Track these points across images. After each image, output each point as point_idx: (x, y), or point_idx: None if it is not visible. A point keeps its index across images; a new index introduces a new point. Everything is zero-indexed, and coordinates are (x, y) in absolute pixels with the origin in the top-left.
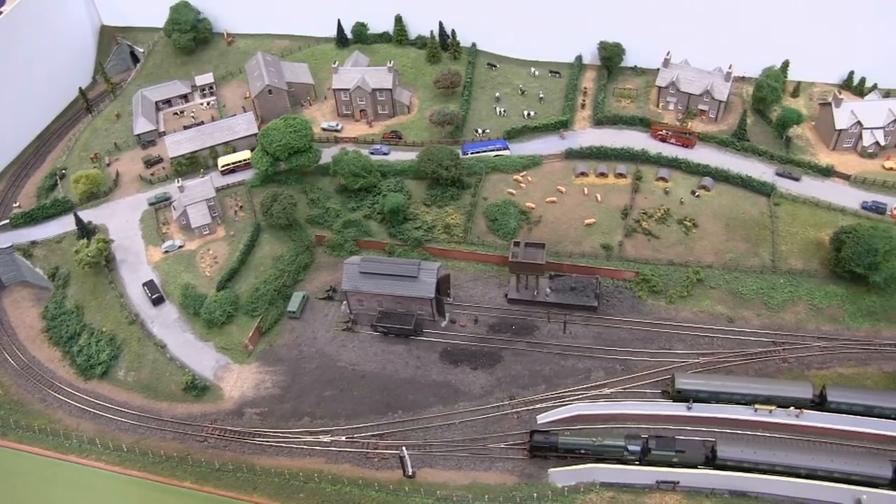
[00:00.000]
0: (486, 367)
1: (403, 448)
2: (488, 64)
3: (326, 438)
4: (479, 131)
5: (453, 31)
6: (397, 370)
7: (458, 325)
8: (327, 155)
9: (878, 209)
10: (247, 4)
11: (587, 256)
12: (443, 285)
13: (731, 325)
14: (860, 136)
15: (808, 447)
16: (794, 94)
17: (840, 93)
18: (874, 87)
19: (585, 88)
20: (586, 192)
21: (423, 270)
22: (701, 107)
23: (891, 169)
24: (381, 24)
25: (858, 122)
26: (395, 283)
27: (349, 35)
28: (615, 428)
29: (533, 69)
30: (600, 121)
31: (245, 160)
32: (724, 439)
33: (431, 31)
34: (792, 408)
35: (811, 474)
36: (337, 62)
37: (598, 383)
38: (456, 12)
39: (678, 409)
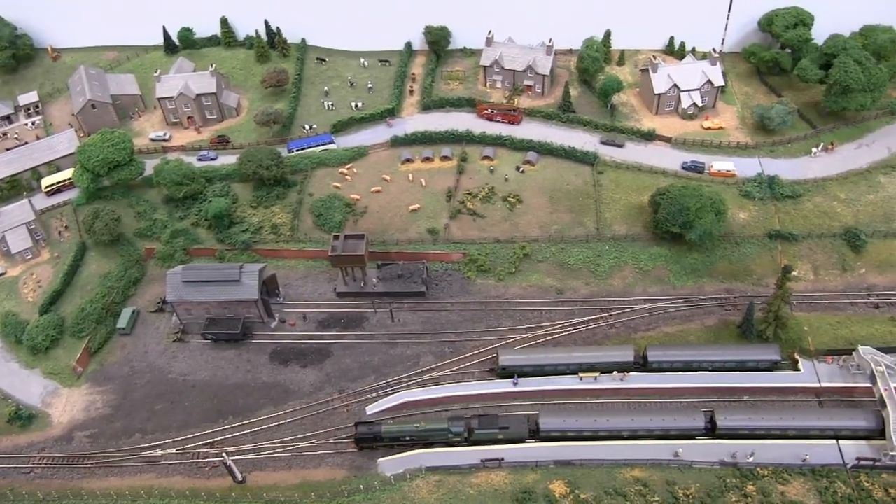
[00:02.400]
0: (315, 364)
1: (225, 454)
2: (318, 58)
3: (157, 452)
4: (307, 127)
5: (278, 28)
6: (228, 376)
7: (287, 325)
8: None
9: (697, 168)
10: (69, 17)
11: (414, 242)
12: (270, 286)
13: (560, 296)
14: (679, 99)
15: (629, 409)
16: (620, 62)
17: (656, 58)
18: (693, 50)
19: (414, 75)
20: (411, 178)
21: (245, 273)
22: (527, 82)
23: (709, 128)
24: (207, 27)
25: (675, 86)
26: (218, 288)
27: (176, 41)
28: (443, 411)
29: (363, 60)
30: (427, 105)
31: (69, 179)
32: (546, 411)
33: (256, 31)
34: (616, 372)
35: (633, 435)
36: (159, 70)
37: (427, 368)
38: (281, 9)
39: (505, 386)
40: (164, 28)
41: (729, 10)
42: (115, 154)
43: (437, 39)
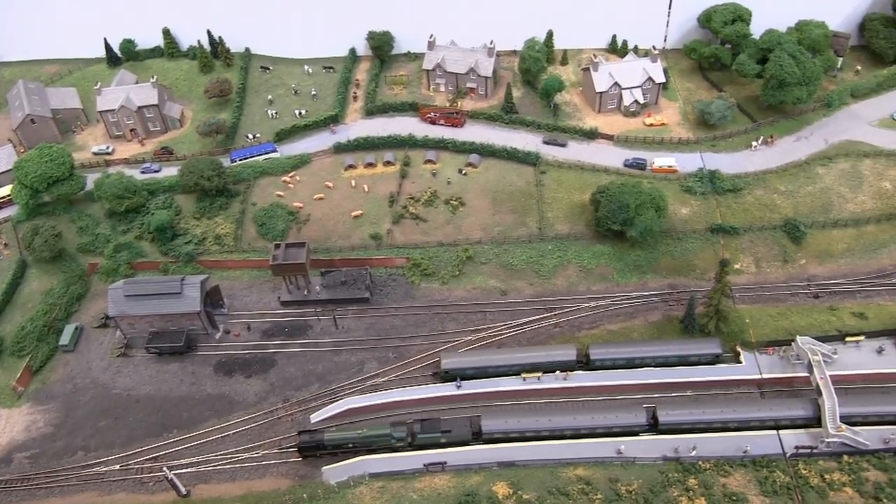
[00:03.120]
0: (260, 374)
1: (166, 469)
2: (262, 67)
3: (101, 470)
4: (251, 137)
5: (221, 38)
6: (172, 389)
7: (232, 335)
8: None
9: (639, 165)
10: (8, 30)
11: (357, 249)
12: (213, 297)
13: (504, 297)
14: (621, 97)
15: (571, 408)
16: (564, 61)
17: (596, 56)
18: (635, 48)
19: (358, 80)
20: (354, 184)
21: (187, 285)
22: (469, 85)
23: (651, 125)
24: (150, 38)
25: (617, 84)
26: (160, 301)
27: (119, 53)
28: (388, 417)
29: (307, 67)
30: (371, 111)
31: (7, 196)
32: (489, 413)
33: (199, 41)
34: (558, 372)
35: (576, 434)
36: (99, 83)
37: (371, 374)
38: (224, 19)
39: (448, 389)
40: (105, 40)
41: (669, 8)
42: (53, 169)
43: (381, 45)
